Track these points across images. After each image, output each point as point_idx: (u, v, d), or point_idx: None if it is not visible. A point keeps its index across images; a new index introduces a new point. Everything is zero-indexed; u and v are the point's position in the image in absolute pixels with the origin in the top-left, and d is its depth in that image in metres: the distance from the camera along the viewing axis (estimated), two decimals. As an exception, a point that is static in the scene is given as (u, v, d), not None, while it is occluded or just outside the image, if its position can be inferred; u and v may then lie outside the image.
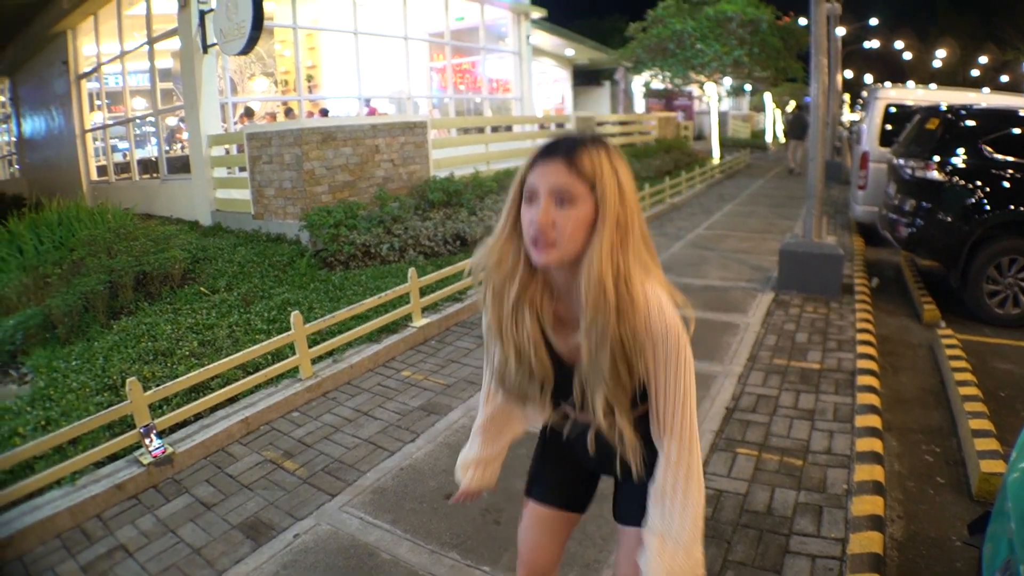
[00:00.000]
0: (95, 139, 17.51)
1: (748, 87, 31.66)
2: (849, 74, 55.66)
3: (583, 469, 2.15)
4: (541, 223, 1.58)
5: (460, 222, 9.97)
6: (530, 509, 2.22)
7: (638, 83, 28.48)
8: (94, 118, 17.39)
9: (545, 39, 23.05)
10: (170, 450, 4.42)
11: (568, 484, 2.17)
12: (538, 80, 21.16)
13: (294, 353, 5.56)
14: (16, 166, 24.48)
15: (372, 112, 15.92)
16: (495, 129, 17.09)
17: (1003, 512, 2.28)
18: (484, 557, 3.43)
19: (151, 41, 14.11)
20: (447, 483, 4.15)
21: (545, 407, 1.95)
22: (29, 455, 4.05)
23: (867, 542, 3.36)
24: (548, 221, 1.58)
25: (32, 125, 21.14)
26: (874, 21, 44.33)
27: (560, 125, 18.86)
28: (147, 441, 4.39)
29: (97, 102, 17.43)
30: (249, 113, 15.05)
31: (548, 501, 2.18)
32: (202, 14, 11.49)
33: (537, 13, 20.12)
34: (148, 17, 14.03)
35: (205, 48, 11.61)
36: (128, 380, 4.35)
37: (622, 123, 22.49)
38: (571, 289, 1.71)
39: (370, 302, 6.38)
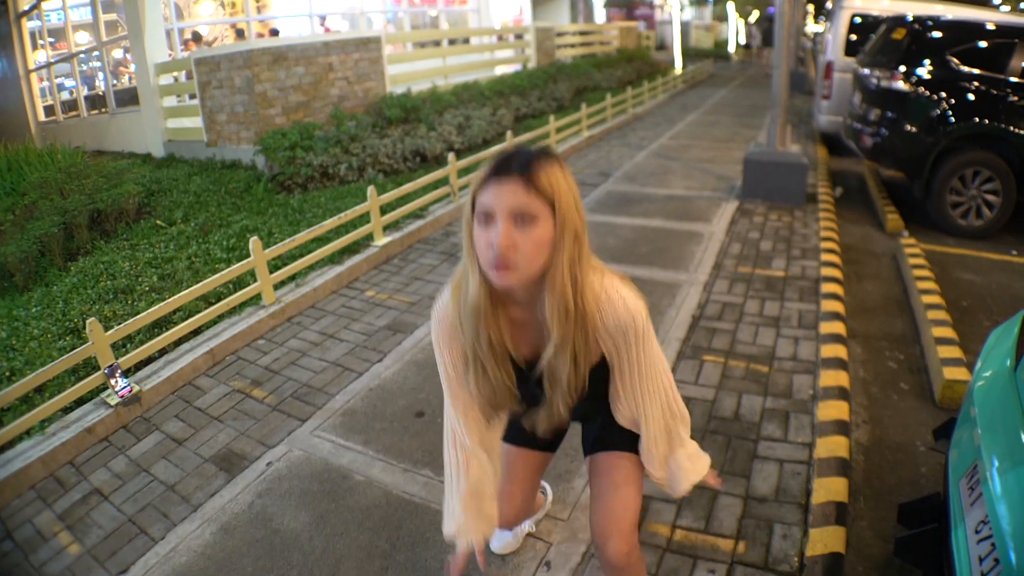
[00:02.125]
0: (40, 79, 16.91)
1: (710, -5, 31.18)
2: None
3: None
4: (503, 247, 1.53)
5: (419, 138, 9.79)
6: (507, 450, 2.31)
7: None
8: (37, 57, 16.74)
9: (501, -50, 22.42)
10: (136, 388, 4.33)
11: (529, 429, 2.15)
12: (495, -9, 20.62)
13: (255, 280, 5.46)
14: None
15: (327, 30, 15.46)
16: (452, 42, 16.71)
17: (969, 419, 2.31)
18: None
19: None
20: (416, 401, 4.13)
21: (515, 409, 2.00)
22: None
23: (833, 447, 3.40)
24: (510, 244, 1.53)
25: None
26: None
27: (519, 36, 18.44)
28: (113, 382, 4.28)
29: (40, 40, 16.75)
30: (197, 38, 14.55)
31: (519, 443, 2.29)
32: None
33: (492, -79, 19.50)
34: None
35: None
36: (88, 321, 4.23)
37: (582, 33, 22.08)
38: (531, 298, 1.72)
39: (330, 223, 6.24)
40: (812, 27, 36.30)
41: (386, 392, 4.28)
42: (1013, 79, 6.78)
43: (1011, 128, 6.68)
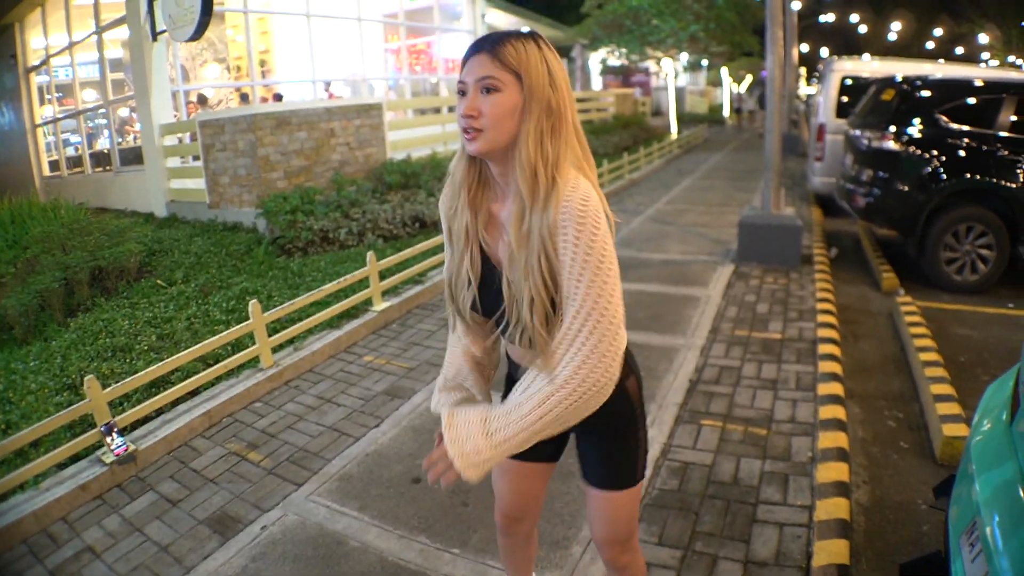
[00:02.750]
0: (46, 133, 17.16)
1: (705, 62, 31.79)
2: (805, 48, 55.90)
3: None
4: (467, 111, 1.65)
5: (418, 204, 9.91)
6: (507, 467, 2.24)
7: (595, 60, 28.47)
8: (44, 112, 17.04)
9: (501, 17, 22.89)
10: (132, 448, 4.35)
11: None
12: (494, 59, 20.95)
13: (254, 343, 5.50)
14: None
15: (331, 96, 15.74)
16: (452, 109, 16.97)
17: (967, 475, 2.32)
18: (453, 540, 3.42)
19: (100, 31, 13.81)
20: (413, 467, 4.14)
21: (481, 325, 1.99)
22: None
23: (833, 508, 3.41)
24: (474, 108, 1.64)
25: None
26: (830, -6, 44.58)
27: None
28: (109, 440, 4.31)
29: (47, 96, 17.06)
30: (202, 100, 14.82)
31: (517, 456, 2.06)
32: (150, 1, 11.26)
33: (492, -9, 19.99)
34: (96, 6, 13.72)
35: (154, 36, 11.40)
36: (86, 379, 4.27)
37: (579, 100, 22.46)
38: (503, 178, 1.78)
39: (329, 287, 6.32)
40: (805, 89, 36.93)
41: (383, 458, 4.29)
42: (1002, 133, 6.96)
43: (1002, 182, 6.84)
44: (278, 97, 15.06)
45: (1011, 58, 44.89)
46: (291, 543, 3.52)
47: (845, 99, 10.85)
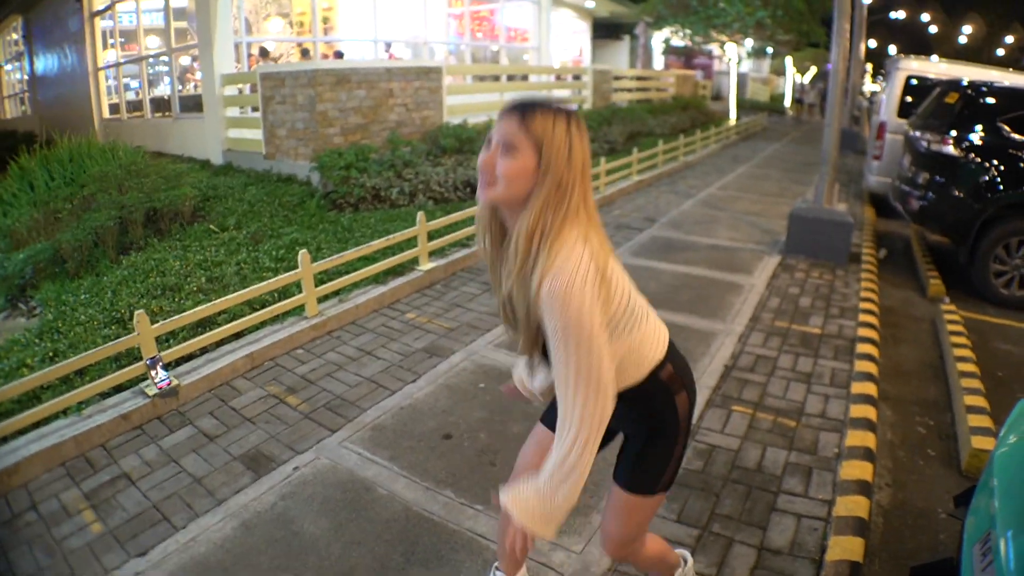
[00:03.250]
0: (108, 77, 17.39)
1: (770, 50, 31.31)
2: (873, 44, 54.69)
3: None
4: (483, 163, 1.80)
5: (471, 169, 9.92)
6: (536, 429, 2.45)
7: (658, 39, 28.05)
8: (107, 56, 17.25)
9: (567, -10, 22.74)
10: (175, 382, 4.47)
11: None
12: (557, 31, 20.83)
13: (301, 291, 5.59)
14: (28, 104, 24.31)
15: (391, 57, 15.77)
16: (511, 78, 17.00)
17: (988, 487, 2.30)
18: (478, 496, 3.48)
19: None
20: (446, 423, 4.20)
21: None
22: (36, 385, 4.10)
23: (853, 506, 3.39)
24: (489, 162, 1.78)
25: (45, 63, 20.95)
26: (902, -9, 43.51)
27: (577, 77, 18.67)
28: (153, 373, 4.43)
29: (111, 40, 17.26)
30: (264, 53, 14.93)
31: (551, 425, 2.28)
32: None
33: (559, -37, 19.83)
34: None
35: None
36: (136, 313, 4.39)
37: (639, 79, 22.28)
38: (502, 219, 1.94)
39: (378, 244, 6.38)
40: (869, 86, 36.19)
41: (417, 412, 4.36)
42: None
43: None
44: (339, 55, 15.13)
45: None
46: (321, 485, 3.60)
47: (909, 99, 10.59)
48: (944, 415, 4.64)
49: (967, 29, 59.93)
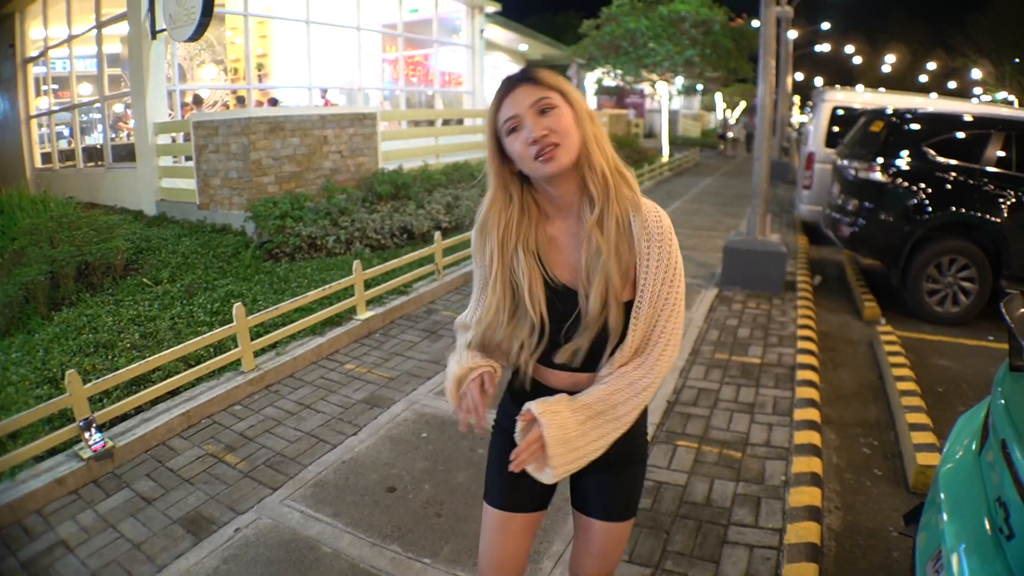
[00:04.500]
0: (40, 125, 17.14)
1: (699, 87, 32.05)
2: (800, 76, 56.44)
3: None
4: (539, 132, 1.71)
5: (407, 215, 9.96)
6: (491, 516, 2.12)
7: (591, 80, 28.60)
8: (40, 103, 17.02)
9: (499, 33, 23.04)
10: (110, 444, 4.38)
11: (527, 483, 1.95)
12: (491, 74, 21.12)
13: (237, 345, 5.54)
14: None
15: (327, 103, 15.79)
16: (446, 122, 17.10)
17: (935, 503, 2.38)
18: (425, 549, 3.47)
19: (100, 25, 13.84)
20: (388, 476, 4.19)
21: (531, 356, 1.92)
22: None
23: (804, 532, 3.46)
24: (545, 128, 1.71)
25: None
26: (826, 25, 44.87)
27: (511, 119, 18.91)
28: (87, 435, 4.34)
29: (44, 87, 17.05)
30: (198, 101, 14.85)
31: (510, 506, 2.09)
32: (156, -4, 11.32)
33: (491, 7, 20.12)
34: (97, 1, 13.76)
35: (154, 34, 11.44)
36: (68, 373, 4.31)
37: (574, 119, 22.55)
38: (565, 198, 1.86)
39: (314, 294, 6.37)
40: (798, 118, 37.22)
41: (359, 465, 4.34)
42: (988, 168, 7.07)
43: (986, 216, 6.96)
44: (273, 102, 15.10)
45: (1003, 94, 45.36)
46: (264, 546, 3.56)
47: (835, 129, 10.97)
48: (888, 434, 4.79)
49: (890, 58, 61.98)
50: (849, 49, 60.14)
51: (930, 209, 7.15)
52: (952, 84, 58.13)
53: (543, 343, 1.88)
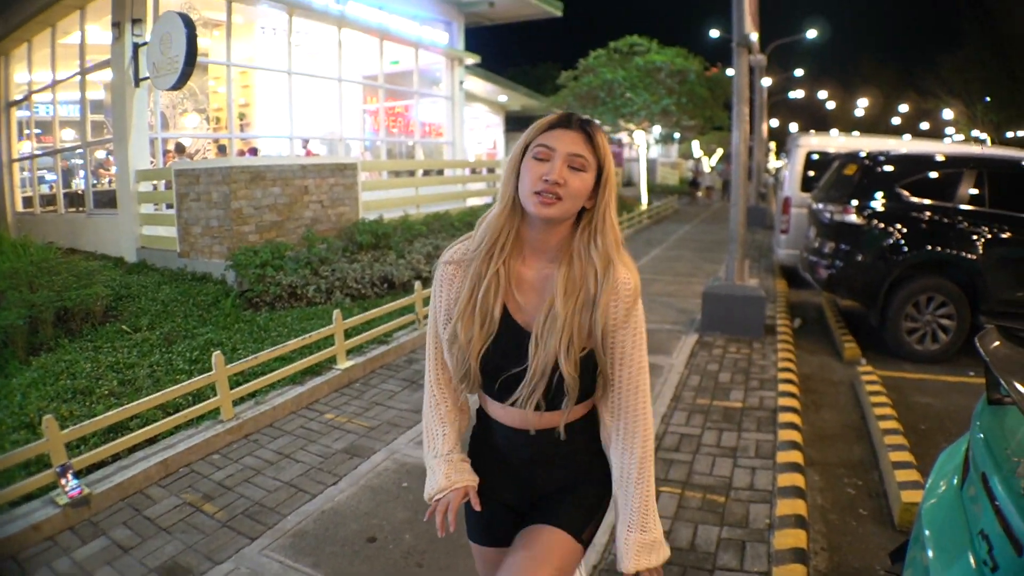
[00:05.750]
0: (22, 169, 17.15)
1: (677, 135, 32.54)
2: (775, 123, 57.30)
3: (516, 496, 2.13)
4: (555, 179, 1.75)
5: (388, 265, 10.01)
6: (478, 553, 2.21)
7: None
8: (22, 148, 17.05)
9: (478, 85, 23.32)
10: (87, 491, 4.35)
11: (503, 518, 2.12)
12: (471, 125, 21.42)
13: (216, 394, 5.53)
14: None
15: (308, 154, 15.90)
16: (427, 173, 17.24)
17: (920, 539, 2.40)
18: (404, 600, 3.45)
19: (84, 72, 13.89)
20: (369, 526, 4.18)
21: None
22: None
23: (790, 575, 3.47)
24: (562, 178, 1.76)
25: None
26: (799, 72, 45.76)
27: (491, 170, 19.11)
28: (63, 481, 4.31)
29: (26, 131, 17.10)
30: (180, 149, 14.90)
31: (492, 542, 2.15)
32: (136, 47, 11.44)
33: (471, 59, 20.39)
34: (82, 47, 13.84)
35: (137, 82, 11.54)
36: (44, 418, 4.30)
37: (553, 168, 22.77)
38: (554, 244, 1.90)
39: (294, 343, 6.38)
40: (774, 163, 37.77)
41: (339, 515, 4.32)
42: (961, 206, 7.21)
43: (961, 253, 7.08)
44: (254, 151, 15.20)
45: (975, 132, 46.24)
46: (241, 597, 3.54)
47: (811, 173, 11.16)
48: (871, 474, 4.82)
49: (863, 102, 63.18)
50: (823, 94, 61.35)
51: (906, 249, 7.29)
52: (925, 125, 59.36)
53: (486, 372, 1.96)
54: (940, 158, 7.77)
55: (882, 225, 7.49)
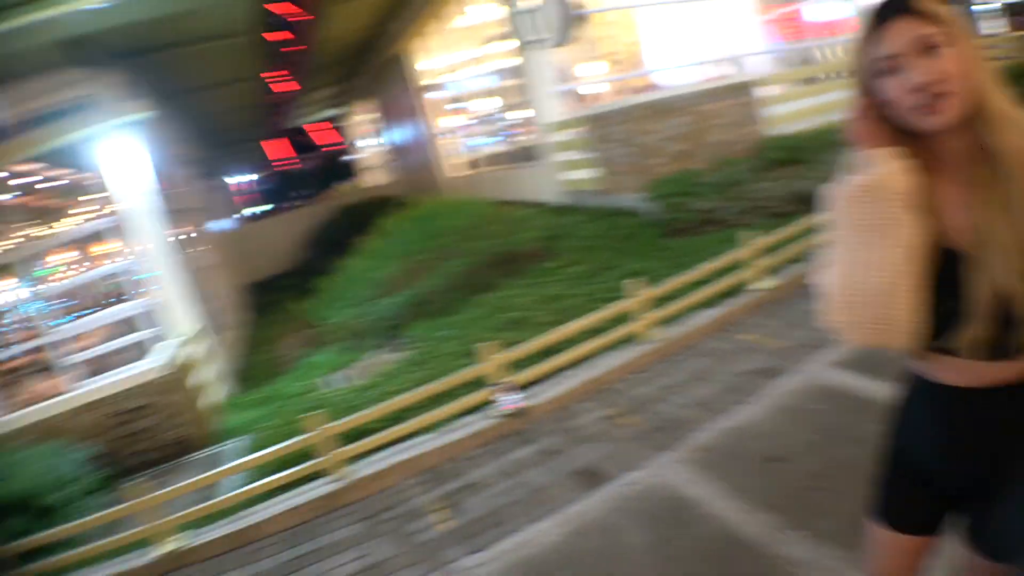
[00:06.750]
0: (446, 139, 19.35)
1: None
2: None
3: (950, 480, 1.63)
4: (935, 77, 1.36)
5: (803, 180, 9.53)
6: (882, 537, 1.78)
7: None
8: (442, 122, 19.25)
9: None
10: (523, 404, 4.99)
11: (926, 503, 1.69)
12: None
13: (636, 319, 5.83)
14: (392, 172, 27.54)
15: (705, 78, 15.64)
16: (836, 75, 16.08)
17: None
18: (798, 522, 3.36)
19: (485, 45, 15.39)
20: (772, 446, 4.14)
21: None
22: (405, 405, 5.03)
23: None
24: (941, 71, 1.36)
25: (397, 135, 24.08)
26: None
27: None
28: (502, 397, 5.01)
29: (446, 107, 19.20)
30: (583, 97, 15.52)
31: (906, 528, 1.73)
32: (523, 14, 12.17)
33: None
34: (476, 28, 15.41)
35: (531, 44, 12.27)
36: (484, 344, 5.07)
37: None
38: (963, 148, 1.43)
39: (708, 267, 6.44)
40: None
41: (746, 434, 4.35)
42: None
43: None
44: (654, 86, 15.31)
45: None
46: (648, 501, 3.81)
47: None
48: None
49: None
50: None
51: None
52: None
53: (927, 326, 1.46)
54: None
55: None
